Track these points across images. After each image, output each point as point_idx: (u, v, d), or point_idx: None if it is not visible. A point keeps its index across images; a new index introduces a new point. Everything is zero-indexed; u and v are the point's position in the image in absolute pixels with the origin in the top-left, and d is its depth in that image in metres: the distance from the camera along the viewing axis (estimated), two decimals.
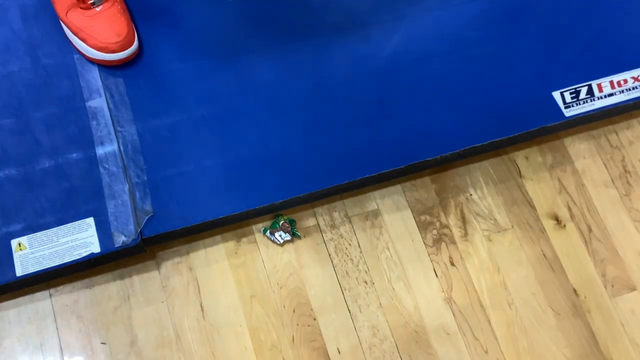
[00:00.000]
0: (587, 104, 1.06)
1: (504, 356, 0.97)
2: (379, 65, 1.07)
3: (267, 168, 0.98)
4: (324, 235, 1.01)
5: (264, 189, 0.97)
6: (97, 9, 0.99)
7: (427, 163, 1.02)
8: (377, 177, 1.00)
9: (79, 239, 0.90)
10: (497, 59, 1.08)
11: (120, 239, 0.90)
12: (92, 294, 0.95)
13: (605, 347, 0.99)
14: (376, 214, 1.03)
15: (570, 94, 1.07)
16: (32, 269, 0.89)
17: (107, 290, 0.95)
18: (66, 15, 0.99)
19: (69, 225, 0.91)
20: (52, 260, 0.89)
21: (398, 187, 1.05)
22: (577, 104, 1.06)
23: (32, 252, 0.89)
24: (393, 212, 1.04)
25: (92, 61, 1.01)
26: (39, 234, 0.90)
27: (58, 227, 0.91)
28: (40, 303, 0.94)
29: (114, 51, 0.98)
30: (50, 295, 0.94)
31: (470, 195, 1.06)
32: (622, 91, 1.08)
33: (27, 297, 0.94)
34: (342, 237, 1.02)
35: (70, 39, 1.01)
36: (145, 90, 1.01)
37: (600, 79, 1.09)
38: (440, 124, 1.03)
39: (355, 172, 0.99)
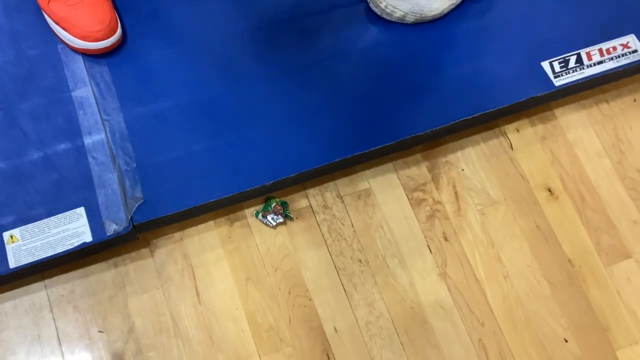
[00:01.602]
0: (577, 72, 1.06)
1: (500, 329, 0.97)
2: (366, 43, 1.06)
3: (257, 150, 0.98)
4: (316, 216, 1.01)
5: (254, 170, 0.96)
6: None
7: (418, 138, 1.01)
8: (368, 154, 1.00)
9: (71, 229, 0.90)
10: (485, 31, 1.07)
11: (111, 227, 0.90)
12: (87, 283, 0.95)
13: (601, 316, 0.99)
14: (368, 192, 1.03)
15: (559, 63, 1.06)
16: (25, 260, 0.89)
17: (102, 279, 0.95)
18: (48, 5, 0.98)
19: (59, 215, 0.91)
20: (45, 251, 0.89)
21: (389, 165, 1.05)
22: (566, 73, 1.05)
23: (24, 244, 0.89)
24: (385, 190, 1.04)
25: (76, 51, 1.00)
26: (30, 225, 0.90)
27: (49, 218, 0.91)
28: (35, 294, 0.94)
29: (97, 40, 0.97)
30: (46, 287, 0.94)
31: (462, 170, 1.06)
32: (612, 58, 1.07)
33: (22, 289, 0.94)
34: (335, 217, 1.01)
35: (53, 29, 1.01)
36: (130, 78, 1.00)
37: (589, 47, 1.08)
38: (430, 98, 1.03)
39: (346, 150, 0.98)
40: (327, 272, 0.98)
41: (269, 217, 0.99)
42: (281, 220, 0.99)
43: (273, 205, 1.00)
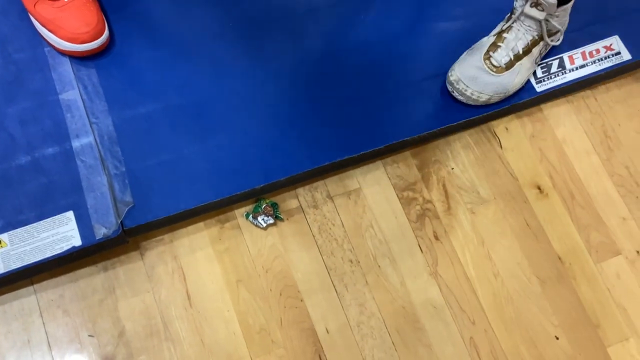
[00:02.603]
0: (559, 77, 1.06)
1: (491, 327, 0.97)
2: (354, 46, 1.06)
3: (247, 153, 0.97)
4: (307, 216, 1.01)
5: (244, 174, 0.96)
6: (65, 0, 0.97)
7: (408, 142, 1.02)
8: (357, 157, 1.00)
9: (60, 233, 0.90)
10: (469, 34, 1.06)
11: (101, 231, 0.90)
12: (76, 287, 0.95)
13: (592, 313, 1.00)
14: (358, 192, 1.03)
15: (542, 68, 1.07)
16: (14, 265, 0.88)
17: (92, 283, 0.95)
18: (34, 7, 0.98)
19: (48, 220, 0.90)
20: (34, 255, 0.89)
21: (379, 164, 1.05)
22: (548, 78, 1.06)
23: (13, 249, 0.89)
24: (375, 189, 1.04)
25: (63, 53, 1.00)
26: (19, 230, 0.90)
27: (38, 223, 0.90)
28: (25, 299, 0.93)
29: (84, 41, 0.97)
30: (35, 291, 0.94)
31: (452, 169, 1.06)
32: (595, 61, 1.08)
33: (11, 294, 0.93)
34: (326, 218, 1.01)
35: (40, 31, 1.00)
36: (118, 80, 1.00)
37: (572, 51, 1.08)
38: (418, 103, 1.03)
39: (337, 153, 0.99)
40: (318, 273, 0.98)
41: (259, 218, 0.99)
42: (272, 221, 0.99)
43: (263, 206, 0.99)
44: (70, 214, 0.91)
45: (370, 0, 1.10)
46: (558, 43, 1.03)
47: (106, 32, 1.00)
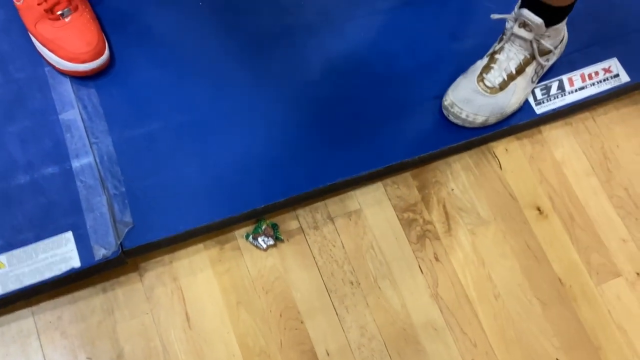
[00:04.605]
0: (558, 99, 1.07)
1: (492, 349, 0.97)
2: (355, 67, 1.07)
3: (247, 174, 0.97)
4: (307, 237, 1.01)
5: (244, 194, 0.96)
6: (66, 20, 0.97)
7: (406, 163, 1.02)
8: (357, 178, 1.00)
9: (59, 254, 0.89)
10: (470, 55, 1.07)
11: (100, 252, 0.89)
12: (75, 309, 0.93)
13: (593, 334, 0.99)
14: (359, 213, 1.03)
15: (541, 90, 1.07)
16: (12, 287, 0.87)
17: (90, 305, 0.94)
18: (35, 27, 0.98)
19: (47, 240, 0.90)
20: (33, 277, 0.88)
21: (379, 184, 1.05)
22: (547, 100, 1.07)
23: (11, 270, 0.88)
24: (375, 210, 1.03)
25: (64, 73, 0.99)
26: (17, 251, 0.89)
27: (36, 243, 0.89)
28: (23, 321, 0.92)
29: (84, 61, 0.97)
30: (33, 313, 0.93)
31: (452, 190, 1.06)
32: (593, 84, 1.08)
33: (9, 316, 0.92)
34: (326, 239, 1.01)
35: (40, 51, 1.00)
36: (118, 100, 1.00)
37: (571, 73, 1.09)
38: (418, 125, 1.04)
39: (336, 175, 0.99)
40: (319, 294, 0.98)
41: (259, 239, 0.99)
42: (272, 242, 0.99)
43: (263, 227, 0.99)
44: (69, 235, 0.90)
45: (371, 20, 1.11)
46: (550, 63, 1.04)
47: (107, 52, 1.00)
